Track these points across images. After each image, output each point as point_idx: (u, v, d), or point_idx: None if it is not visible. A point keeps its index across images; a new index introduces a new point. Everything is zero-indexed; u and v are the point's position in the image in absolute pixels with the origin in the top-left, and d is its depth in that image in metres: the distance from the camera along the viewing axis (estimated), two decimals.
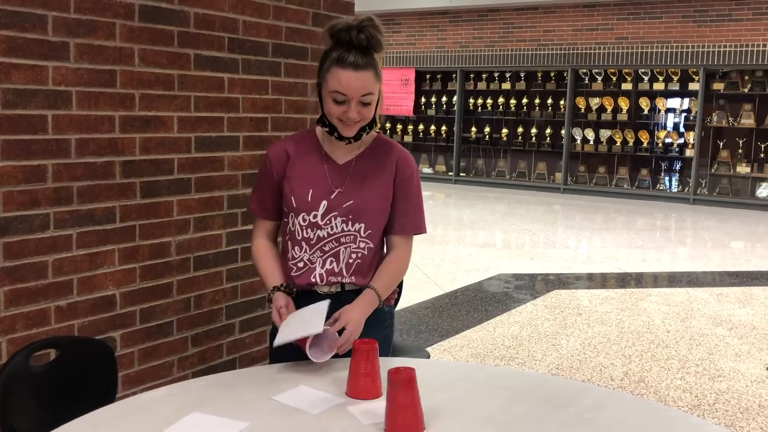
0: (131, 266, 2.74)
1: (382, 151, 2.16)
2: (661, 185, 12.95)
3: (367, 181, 2.12)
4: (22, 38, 2.33)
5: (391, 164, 2.15)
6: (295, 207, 2.11)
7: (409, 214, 2.17)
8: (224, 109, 3.01)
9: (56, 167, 2.46)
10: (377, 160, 2.15)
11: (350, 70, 1.96)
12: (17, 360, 1.87)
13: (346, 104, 1.99)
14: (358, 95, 1.98)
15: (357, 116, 2.01)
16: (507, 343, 4.93)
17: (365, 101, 2.00)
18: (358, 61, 1.96)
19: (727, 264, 7.93)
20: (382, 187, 2.13)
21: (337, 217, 2.10)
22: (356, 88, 1.97)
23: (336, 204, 2.10)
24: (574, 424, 1.68)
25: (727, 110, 12.25)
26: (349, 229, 2.11)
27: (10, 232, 2.36)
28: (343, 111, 2.00)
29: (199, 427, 1.60)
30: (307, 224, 2.10)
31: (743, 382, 4.32)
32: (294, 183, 2.12)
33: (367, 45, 1.98)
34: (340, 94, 1.98)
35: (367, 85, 1.98)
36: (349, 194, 2.10)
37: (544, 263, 7.64)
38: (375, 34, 1.97)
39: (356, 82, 1.97)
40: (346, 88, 1.97)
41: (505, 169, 14.46)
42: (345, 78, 1.96)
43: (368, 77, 1.98)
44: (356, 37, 1.96)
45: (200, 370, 3.04)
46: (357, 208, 2.10)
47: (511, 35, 13.91)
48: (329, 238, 2.11)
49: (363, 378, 1.78)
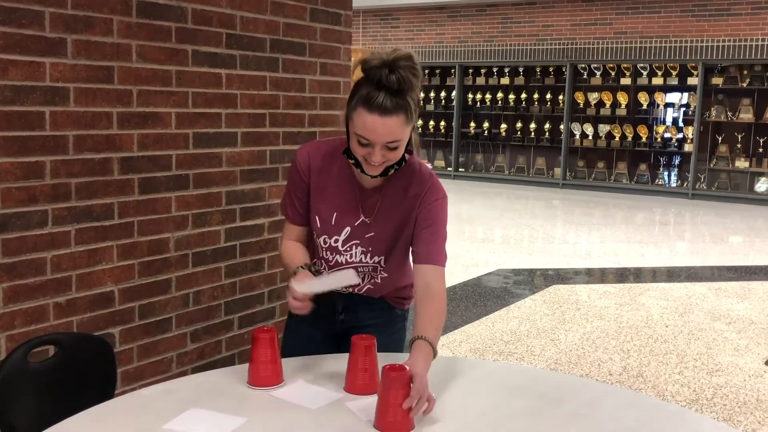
0: (130, 262, 2.74)
1: (410, 177, 2.01)
2: (659, 180, 12.96)
3: (392, 211, 2.01)
4: (19, 34, 2.33)
5: (417, 193, 2.00)
6: (319, 228, 2.04)
7: (438, 244, 2.00)
8: (222, 105, 3.01)
9: (54, 164, 2.46)
10: (404, 189, 2.01)
11: (376, 115, 1.78)
12: (16, 357, 1.87)
13: (371, 147, 1.83)
14: (383, 141, 1.82)
15: (381, 159, 1.85)
16: (506, 338, 4.94)
17: (391, 146, 1.84)
18: (386, 104, 1.78)
19: (725, 259, 7.94)
20: (406, 219, 2.01)
21: (357, 246, 2.03)
22: (381, 134, 1.80)
23: (358, 233, 2.02)
24: (572, 419, 1.68)
25: (725, 105, 12.25)
26: (368, 261, 2.04)
27: (8, 229, 2.36)
28: (368, 152, 1.85)
29: (198, 422, 1.60)
30: (327, 247, 2.05)
31: (741, 376, 4.33)
32: (319, 201, 2.03)
33: (399, 88, 1.78)
34: (363, 138, 1.82)
35: (394, 131, 1.81)
36: (372, 225, 2.01)
37: (543, 258, 7.65)
38: (408, 76, 1.78)
39: (382, 128, 1.80)
40: (370, 134, 1.81)
41: (504, 165, 14.46)
42: (371, 123, 1.79)
43: (396, 123, 1.80)
44: (387, 78, 1.77)
45: (199, 366, 3.04)
46: (378, 240, 2.02)
47: (510, 30, 13.89)
48: (347, 266, 2.04)
49: (361, 374, 1.78)
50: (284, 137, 3.29)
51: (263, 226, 3.26)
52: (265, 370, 1.79)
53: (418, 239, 1.99)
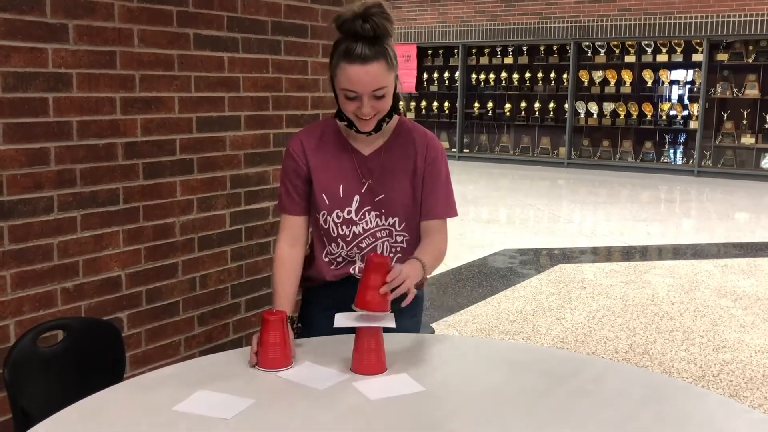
0: (136, 247, 2.75)
1: (407, 137, 2.07)
2: (665, 158, 12.91)
3: (396, 172, 2.05)
4: (21, 21, 2.32)
5: (416, 151, 2.06)
6: (329, 204, 2.04)
7: (437, 197, 2.07)
8: (225, 88, 3.01)
9: (59, 150, 2.47)
10: (403, 148, 2.06)
11: (358, 65, 1.84)
12: (25, 342, 1.89)
13: (359, 100, 1.89)
14: (369, 90, 1.87)
15: (371, 110, 1.90)
16: (512, 318, 4.96)
17: (378, 95, 1.89)
18: (365, 53, 1.84)
19: (731, 235, 7.92)
20: (410, 177, 2.05)
21: (370, 211, 2.04)
22: (366, 83, 1.86)
23: (367, 198, 2.04)
24: (578, 395, 1.69)
25: (731, 81, 12.17)
26: (384, 224, 2.06)
27: (14, 216, 2.37)
28: (357, 107, 1.90)
29: (207, 404, 1.62)
30: (341, 221, 2.05)
31: (747, 352, 4.34)
32: (322, 178, 2.04)
33: (375, 35, 1.85)
34: (350, 91, 1.88)
35: (377, 78, 1.86)
36: (379, 188, 2.04)
37: (549, 238, 7.65)
38: (382, 22, 1.84)
39: (366, 77, 1.85)
40: (355, 85, 1.86)
41: (509, 145, 14.42)
42: (354, 73, 1.85)
43: (378, 69, 1.86)
44: (362, 27, 1.83)
45: (207, 349, 3.06)
46: (388, 202, 2.04)
47: (513, 9, 13.80)
48: (365, 234, 2.06)
49: (368, 354, 1.79)
50: (288, 120, 3.29)
51: (268, 209, 3.27)
52: (274, 352, 1.80)
53: (424, 196, 2.06)
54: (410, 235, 2.10)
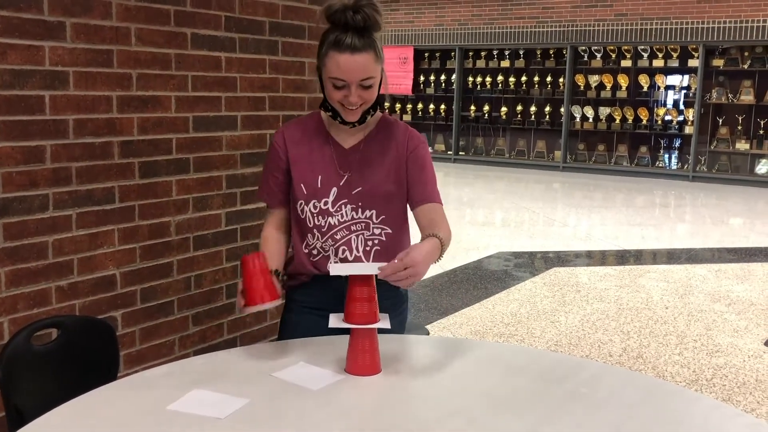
0: (131, 246, 2.75)
1: (387, 131, 2.10)
2: (660, 162, 12.94)
3: (375, 165, 2.07)
4: (18, 18, 2.32)
5: (397, 144, 2.08)
6: (306, 194, 2.06)
7: (417, 184, 2.08)
8: (222, 88, 3.00)
9: (54, 148, 2.46)
10: (383, 142, 2.09)
11: (347, 54, 1.87)
12: (19, 340, 1.88)
13: (347, 89, 1.92)
14: (358, 79, 1.90)
15: (358, 100, 1.94)
16: (506, 321, 4.96)
17: (366, 84, 1.92)
18: (355, 43, 1.87)
19: (725, 240, 7.95)
20: (391, 171, 2.07)
21: (347, 204, 2.05)
22: (355, 72, 1.89)
23: (345, 191, 2.05)
24: (571, 398, 1.70)
25: (726, 87, 12.21)
26: (360, 217, 2.06)
27: (9, 213, 2.37)
28: (344, 96, 1.93)
29: (201, 403, 1.61)
30: (318, 211, 2.06)
31: (741, 357, 4.35)
32: (301, 169, 2.07)
33: (365, 26, 1.88)
34: (338, 79, 1.91)
35: (366, 68, 1.90)
36: (357, 180, 2.05)
37: (543, 241, 7.66)
38: (372, 14, 1.88)
39: (354, 66, 1.88)
40: (344, 73, 1.89)
41: (505, 148, 14.44)
42: (343, 62, 1.88)
43: (367, 60, 1.89)
44: (352, 18, 1.86)
45: (201, 349, 3.06)
46: (366, 195, 2.05)
47: (510, 12, 13.82)
48: (339, 226, 2.06)
49: (362, 355, 1.79)
50: (284, 120, 3.29)
51: (264, 209, 3.26)
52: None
53: (412, 184, 2.08)
54: (390, 227, 2.09)
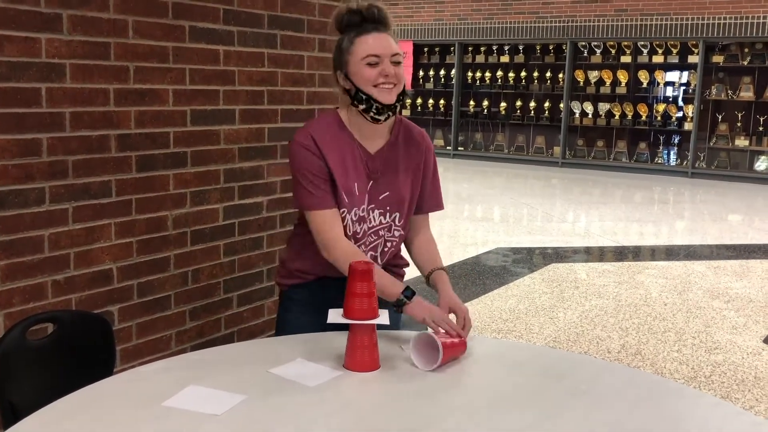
0: (128, 240, 2.73)
1: (408, 135, 2.15)
2: (659, 159, 12.94)
3: (399, 170, 2.11)
4: (14, 9, 2.30)
5: (418, 150, 2.15)
6: (348, 203, 2.03)
7: (431, 194, 2.20)
8: (220, 82, 2.98)
9: (51, 141, 2.44)
10: (405, 147, 2.13)
11: (374, 33, 1.98)
12: (14, 334, 1.86)
13: (381, 64, 1.98)
14: (389, 53, 1.98)
15: (394, 73, 1.98)
16: (504, 317, 4.95)
17: (395, 60, 1.99)
18: (378, 27, 1.99)
19: (724, 237, 7.94)
20: (412, 174, 2.13)
21: (374, 209, 2.08)
22: (385, 46, 1.98)
23: (374, 196, 2.08)
24: (571, 395, 1.69)
25: (726, 83, 12.20)
26: (386, 221, 2.11)
27: (5, 207, 2.35)
28: (380, 72, 1.98)
29: (198, 399, 1.60)
30: (357, 219, 2.06)
31: (739, 354, 4.35)
32: (341, 176, 2.03)
33: (379, 17, 2.00)
34: (372, 56, 1.97)
35: (393, 45, 1.99)
36: (383, 185, 2.08)
37: (542, 237, 7.65)
38: (383, 8, 2.00)
39: (383, 41, 1.98)
40: (376, 48, 1.97)
41: (504, 143, 14.42)
42: (372, 40, 1.97)
43: (390, 39, 2.00)
44: (367, 11, 1.99)
45: (198, 344, 3.04)
46: (392, 199, 2.09)
47: (510, 7, 13.79)
48: (370, 231, 2.10)
49: (361, 351, 1.78)
50: (283, 114, 3.27)
51: (262, 204, 3.25)
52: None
53: (426, 191, 2.19)
54: (404, 229, 2.17)
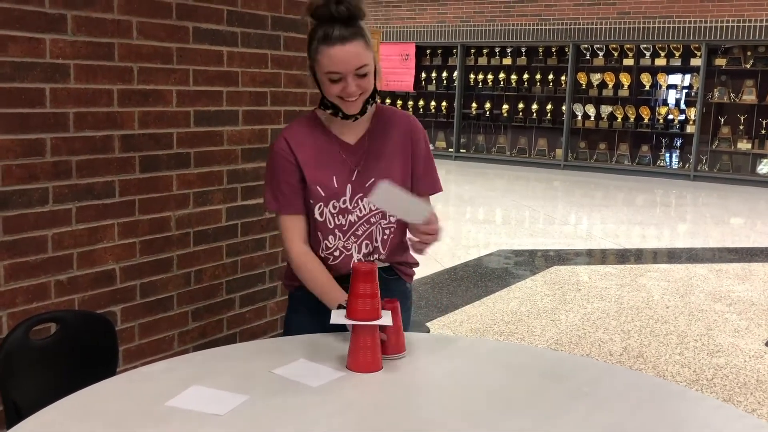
0: (131, 241, 2.73)
1: (389, 120, 2.12)
2: (661, 161, 12.92)
3: (383, 155, 2.09)
4: (19, 10, 2.30)
5: (401, 132, 2.11)
6: (324, 196, 2.04)
7: (424, 176, 2.15)
8: (223, 83, 2.99)
9: (55, 141, 2.45)
10: (387, 131, 2.10)
11: (338, 46, 1.88)
12: (17, 334, 1.87)
13: (343, 81, 1.92)
14: (353, 69, 1.91)
15: (356, 89, 1.93)
16: (506, 319, 4.95)
17: (361, 73, 1.92)
18: (343, 33, 1.88)
19: (726, 240, 7.94)
20: (399, 158, 2.10)
21: (363, 198, 2.06)
22: (348, 62, 1.89)
23: (359, 185, 2.06)
24: (573, 397, 1.69)
25: (728, 86, 12.19)
26: (377, 208, 2.08)
27: (9, 207, 2.35)
28: (342, 88, 1.93)
29: (200, 399, 1.60)
30: (337, 211, 2.06)
31: (741, 357, 4.34)
32: (314, 171, 2.05)
33: (349, 15, 1.89)
34: (334, 73, 1.91)
35: (359, 56, 1.90)
36: (369, 172, 2.06)
37: (544, 239, 7.65)
38: (355, 2, 1.89)
39: (347, 56, 1.89)
40: (338, 65, 1.89)
41: (506, 146, 14.42)
42: (335, 54, 1.88)
43: (358, 48, 1.90)
44: (336, 10, 1.87)
45: (201, 345, 3.05)
46: None
47: (513, 10, 13.80)
48: (360, 221, 2.08)
49: (363, 352, 1.78)
50: (286, 116, 3.28)
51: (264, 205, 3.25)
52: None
53: (419, 176, 2.14)
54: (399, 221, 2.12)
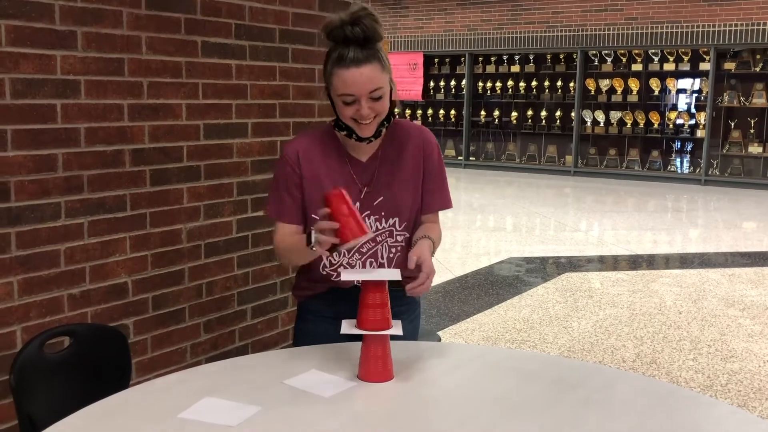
0: (143, 254, 2.75)
1: (403, 135, 2.08)
2: (672, 166, 12.88)
3: (394, 173, 2.06)
4: (30, 28, 2.33)
5: (414, 148, 2.07)
6: None
7: (434, 192, 2.11)
8: (232, 96, 3.01)
9: (66, 156, 2.47)
10: (399, 148, 2.07)
11: (353, 68, 1.86)
12: (31, 348, 1.88)
13: (357, 103, 1.89)
14: (366, 92, 1.88)
15: (370, 113, 1.91)
16: (518, 327, 4.94)
17: (375, 96, 1.90)
18: (358, 56, 1.86)
19: (739, 244, 7.89)
20: (410, 177, 2.07)
21: (370, 216, 2.04)
22: (362, 85, 1.87)
23: (367, 203, 2.03)
24: (585, 404, 1.68)
25: (738, 90, 12.15)
26: (384, 227, 2.05)
27: (22, 222, 2.37)
28: (355, 110, 1.91)
29: (212, 411, 1.61)
30: None
31: (756, 362, 4.31)
32: (323, 186, 2.00)
33: (365, 37, 1.86)
34: (347, 95, 1.89)
35: (373, 79, 1.88)
36: (377, 191, 2.04)
37: (555, 246, 7.63)
38: (371, 24, 1.86)
39: (361, 79, 1.87)
40: (351, 87, 1.87)
41: (515, 153, 14.41)
42: (349, 77, 1.86)
43: (373, 71, 1.87)
44: (351, 32, 1.85)
45: (213, 356, 3.06)
46: (388, 204, 2.04)
47: (520, 17, 13.82)
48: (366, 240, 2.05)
49: (374, 361, 1.78)
50: (295, 127, 3.29)
51: None
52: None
53: (429, 191, 2.11)
54: (410, 231, 2.10)
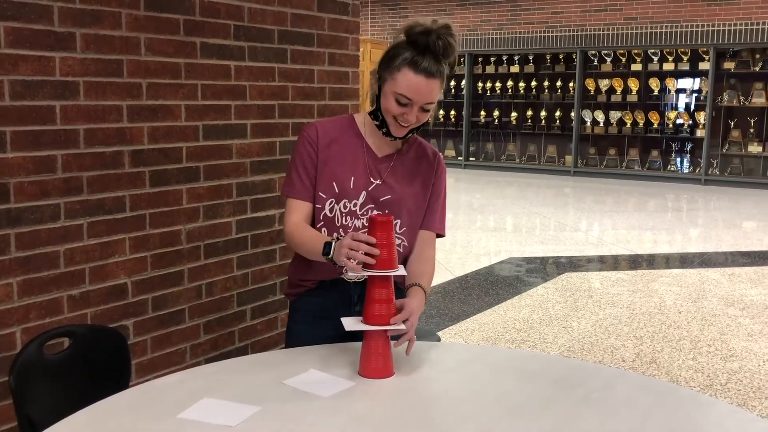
0: (142, 255, 2.75)
1: (420, 149, 2.17)
2: (672, 166, 12.88)
3: (405, 179, 2.12)
4: (29, 29, 2.34)
5: (428, 165, 2.16)
6: (338, 193, 2.07)
7: (435, 213, 2.17)
8: (231, 97, 3.01)
9: (65, 157, 2.48)
10: (415, 160, 2.15)
11: (422, 76, 1.92)
12: (31, 349, 1.89)
13: (408, 107, 1.96)
14: (422, 102, 1.96)
15: (415, 121, 1.99)
16: (518, 327, 4.94)
17: (426, 108, 1.98)
18: (431, 68, 1.92)
19: (739, 244, 7.89)
20: (420, 187, 2.13)
21: (373, 209, 2.08)
22: (423, 95, 1.95)
23: (374, 196, 2.08)
24: (584, 403, 1.68)
25: (738, 89, 12.15)
26: None
27: (21, 223, 2.38)
28: (403, 113, 1.97)
29: (212, 411, 1.61)
30: (347, 211, 2.08)
31: (755, 361, 4.31)
32: (335, 168, 2.08)
33: (443, 53, 1.93)
34: (405, 97, 1.94)
35: (432, 93, 1.96)
36: (387, 188, 2.09)
37: (555, 246, 7.63)
38: (451, 42, 1.93)
39: (425, 89, 1.94)
40: (413, 93, 1.94)
41: (515, 153, 14.41)
42: (416, 83, 1.93)
43: (436, 86, 1.96)
44: (434, 43, 1.91)
45: (212, 357, 3.06)
46: (394, 204, 2.09)
47: (519, 18, 13.82)
48: (364, 230, 2.07)
49: (375, 357, 1.79)
50: (294, 128, 3.30)
51: (274, 217, 3.27)
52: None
53: (431, 210, 2.17)
54: (408, 240, 2.14)
